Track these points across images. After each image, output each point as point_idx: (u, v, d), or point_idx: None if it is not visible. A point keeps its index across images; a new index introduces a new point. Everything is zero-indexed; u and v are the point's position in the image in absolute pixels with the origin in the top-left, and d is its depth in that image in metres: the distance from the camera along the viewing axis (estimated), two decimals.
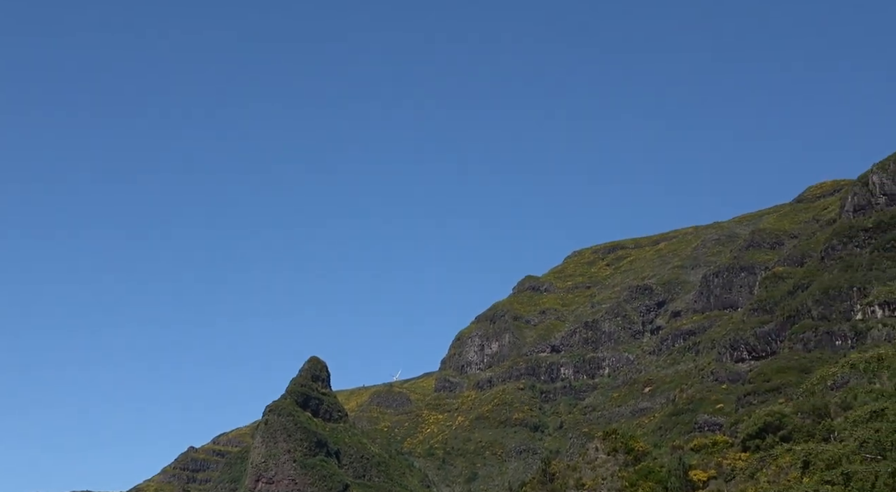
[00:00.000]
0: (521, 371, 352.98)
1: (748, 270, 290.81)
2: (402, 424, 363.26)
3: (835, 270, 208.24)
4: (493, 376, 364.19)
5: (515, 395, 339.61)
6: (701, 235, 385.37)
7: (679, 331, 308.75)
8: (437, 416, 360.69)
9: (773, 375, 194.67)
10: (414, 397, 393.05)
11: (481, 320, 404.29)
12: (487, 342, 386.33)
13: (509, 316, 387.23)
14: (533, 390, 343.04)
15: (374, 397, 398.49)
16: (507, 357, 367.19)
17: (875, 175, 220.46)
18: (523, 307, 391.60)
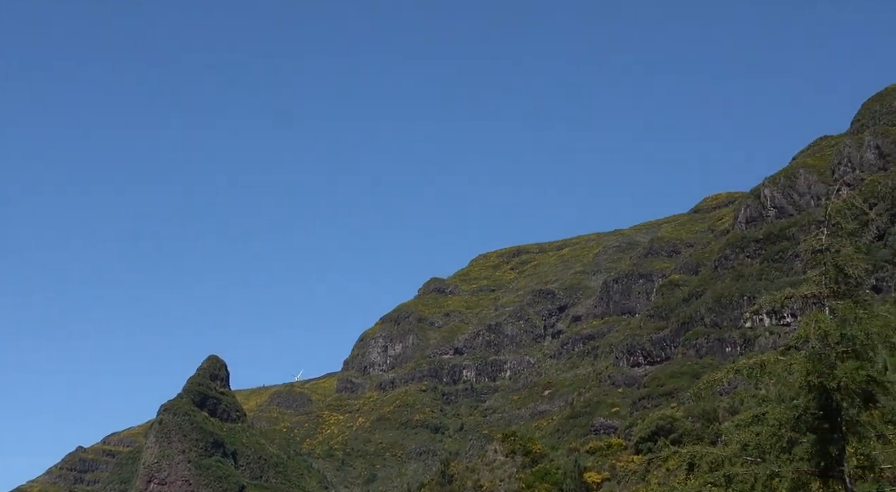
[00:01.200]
0: (424, 373, 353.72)
1: (646, 277, 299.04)
2: (302, 424, 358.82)
3: (727, 280, 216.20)
4: (395, 378, 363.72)
5: (417, 396, 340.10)
6: (603, 241, 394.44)
7: (579, 335, 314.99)
8: (337, 417, 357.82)
9: (667, 380, 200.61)
10: (315, 397, 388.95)
11: (386, 321, 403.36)
12: (391, 343, 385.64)
13: (414, 317, 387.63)
14: (435, 392, 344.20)
15: (275, 397, 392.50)
16: (411, 358, 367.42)
17: (766, 189, 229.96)
18: (428, 309, 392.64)
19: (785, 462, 15.33)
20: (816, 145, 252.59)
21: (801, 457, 15.08)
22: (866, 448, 14.37)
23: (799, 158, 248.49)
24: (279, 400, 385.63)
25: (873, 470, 14.59)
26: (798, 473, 14.90)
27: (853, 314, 16.52)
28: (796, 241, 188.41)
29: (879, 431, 15.01)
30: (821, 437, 15.47)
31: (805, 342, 17.20)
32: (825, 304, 17.83)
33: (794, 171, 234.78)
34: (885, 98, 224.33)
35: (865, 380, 15.38)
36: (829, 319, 16.37)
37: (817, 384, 15.66)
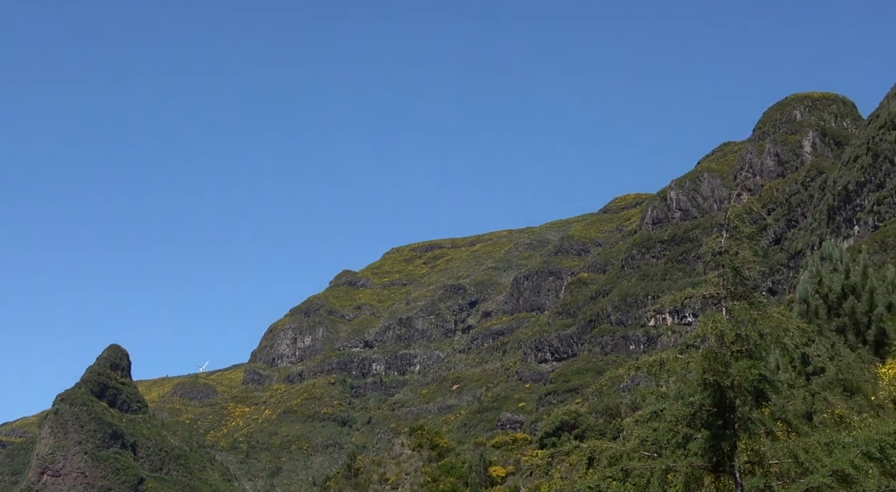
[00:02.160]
0: (333, 365, 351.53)
1: (556, 274, 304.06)
2: (206, 416, 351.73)
3: (633, 279, 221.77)
4: (304, 370, 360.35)
5: (325, 389, 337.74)
6: (514, 238, 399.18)
7: (489, 331, 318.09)
8: (243, 409, 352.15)
9: (573, 376, 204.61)
10: (220, 389, 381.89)
11: (296, 313, 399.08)
12: (301, 336, 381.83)
13: (324, 310, 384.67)
14: (344, 385, 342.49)
15: (178, 387, 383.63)
16: (320, 351, 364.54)
17: (673, 191, 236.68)
18: (339, 302, 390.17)
19: (680, 457, 15.76)
20: (720, 151, 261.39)
21: (695, 452, 15.54)
22: (756, 444, 14.92)
23: (704, 162, 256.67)
24: (183, 391, 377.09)
25: (762, 465, 15.17)
26: (692, 467, 15.35)
27: (748, 315, 17.09)
28: (699, 242, 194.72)
29: (769, 427, 15.59)
30: (714, 433, 15.97)
31: (702, 341, 17.70)
32: (722, 304, 18.38)
33: (699, 174, 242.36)
34: (785, 107, 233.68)
35: (757, 378, 15.92)
36: (726, 320, 16.91)
37: (712, 382, 16.14)
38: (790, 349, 17.62)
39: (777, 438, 15.65)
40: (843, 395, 20.21)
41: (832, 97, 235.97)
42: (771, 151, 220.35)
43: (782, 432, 15.94)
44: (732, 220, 18.63)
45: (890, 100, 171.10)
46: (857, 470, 13.50)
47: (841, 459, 13.64)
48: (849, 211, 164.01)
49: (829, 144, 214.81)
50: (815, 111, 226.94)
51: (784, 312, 20.09)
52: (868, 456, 13.74)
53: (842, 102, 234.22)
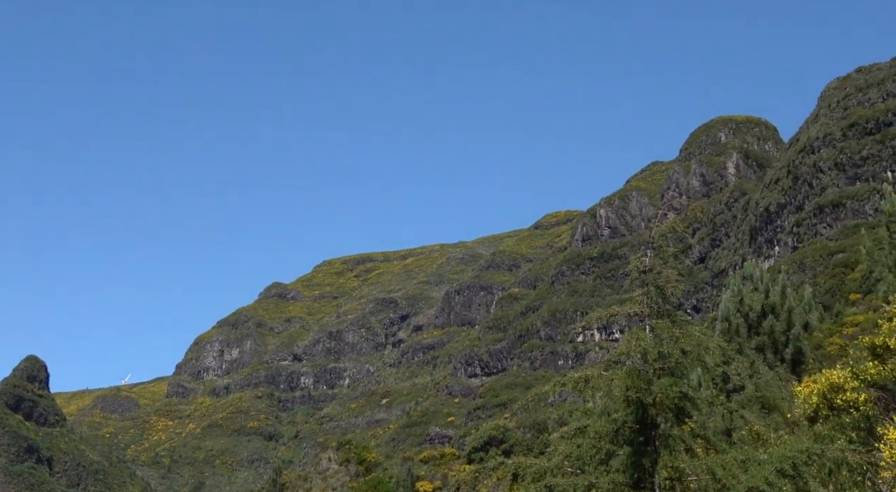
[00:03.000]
0: (261, 379, 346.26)
1: (487, 289, 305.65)
2: (127, 430, 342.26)
3: (562, 295, 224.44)
4: (230, 383, 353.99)
5: (252, 403, 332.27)
6: (447, 252, 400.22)
7: (419, 345, 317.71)
8: (166, 422, 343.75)
9: (502, 391, 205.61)
10: (143, 402, 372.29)
11: (223, 325, 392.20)
12: (228, 348, 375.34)
13: (253, 322, 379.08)
14: (271, 399, 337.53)
15: (99, 400, 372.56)
16: (248, 364, 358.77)
17: (602, 209, 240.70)
18: (268, 314, 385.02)
19: (602, 474, 15.91)
20: (649, 170, 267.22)
21: (617, 469, 15.70)
22: (676, 461, 15.15)
23: (633, 181, 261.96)
24: (104, 404, 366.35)
25: (682, 482, 15.40)
26: (613, 484, 15.50)
27: (670, 333, 17.38)
28: (627, 260, 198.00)
29: (689, 444, 15.85)
30: (636, 449, 16.16)
31: (627, 358, 17.91)
32: (646, 322, 18.64)
33: (628, 193, 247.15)
34: (710, 129, 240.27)
35: (679, 396, 16.19)
36: (649, 338, 17.16)
37: (635, 399, 16.34)
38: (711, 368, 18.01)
39: (696, 455, 15.94)
40: (761, 412, 20.72)
41: (755, 121, 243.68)
42: (697, 172, 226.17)
43: (702, 448, 16.24)
44: (657, 239, 18.98)
45: (809, 124, 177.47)
46: (771, 487, 13.82)
47: (756, 476, 13.94)
48: (770, 232, 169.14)
49: (751, 166, 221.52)
50: (738, 134, 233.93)
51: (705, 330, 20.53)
52: (782, 473, 14.08)
53: (764, 126, 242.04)
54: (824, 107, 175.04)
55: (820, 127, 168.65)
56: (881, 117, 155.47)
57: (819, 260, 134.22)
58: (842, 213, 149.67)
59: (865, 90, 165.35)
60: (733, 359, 19.70)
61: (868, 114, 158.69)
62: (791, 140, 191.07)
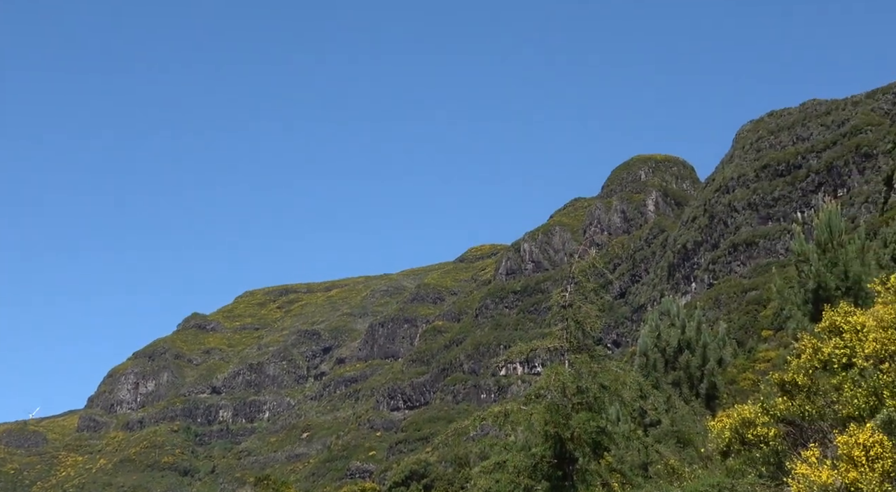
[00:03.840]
0: (177, 412, 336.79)
1: (411, 322, 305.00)
2: (33, 466, 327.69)
3: (486, 328, 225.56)
4: (145, 417, 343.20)
5: (167, 437, 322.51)
6: (371, 285, 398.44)
7: (342, 378, 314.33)
8: (76, 458, 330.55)
9: (424, 424, 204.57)
10: (52, 436, 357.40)
11: (139, 357, 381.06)
12: (143, 380, 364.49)
13: (170, 354, 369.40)
14: (187, 433, 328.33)
15: (4, 435, 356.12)
16: (164, 397, 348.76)
17: (526, 243, 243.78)
18: (187, 345, 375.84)
19: None
20: (571, 205, 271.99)
21: None
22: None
23: (556, 216, 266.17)
24: (8, 439, 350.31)
25: None
26: None
27: (589, 368, 17.57)
28: (550, 294, 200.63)
29: (605, 479, 15.99)
30: (554, 485, 16.22)
31: (546, 393, 18.01)
32: (566, 357, 18.81)
33: (551, 228, 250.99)
34: (631, 167, 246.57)
35: (596, 431, 16.34)
36: (568, 372, 17.31)
37: (553, 434, 16.44)
38: (628, 402, 18.26)
39: (613, 489, 16.10)
40: (677, 447, 21.09)
41: (673, 160, 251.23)
42: (617, 209, 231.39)
43: (618, 483, 16.41)
44: (577, 275, 19.26)
45: (724, 165, 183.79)
46: None
47: None
48: (687, 268, 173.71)
49: (670, 204, 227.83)
50: (658, 172, 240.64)
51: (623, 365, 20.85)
52: None
53: (682, 165, 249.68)
54: (739, 148, 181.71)
55: (734, 168, 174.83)
56: (791, 160, 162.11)
57: (733, 297, 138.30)
58: (755, 251, 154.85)
59: (777, 133, 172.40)
60: (650, 394, 20.02)
61: (779, 156, 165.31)
62: (707, 180, 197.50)
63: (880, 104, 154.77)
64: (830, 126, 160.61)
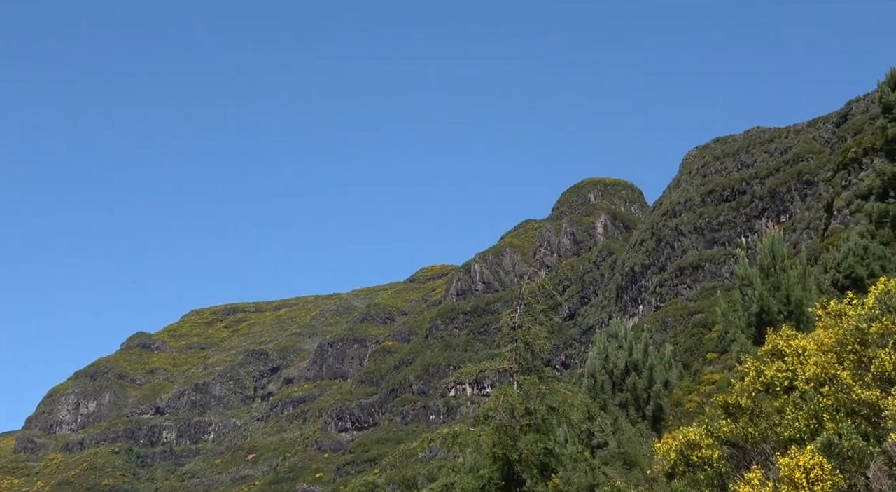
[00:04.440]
0: (119, 433, 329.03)
1: (361, 342, 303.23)
2: None
3: (436, 349, 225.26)
4: (85, 438, 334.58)
5: (108, 458, 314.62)
6: (321, 304, 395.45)
7: (290, 398, 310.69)
8: (11, 480, 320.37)
9: (372, 445, 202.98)
10: None
11: (80, 376, 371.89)
12: (84, 401, 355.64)
13: (113, 374, 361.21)
14: (129, 454, 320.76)
15: None
16: (106, 418, 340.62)
17: (477, 264, 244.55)
18: (130, 365, 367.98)
19: None
20: (522, 227, 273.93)
21: None
22: None
23: (507, 237, 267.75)
24: None
25: None
26: None
27: (537, 389, 17.61)
28: (500, 315, 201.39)
29: None
30: None
31: (495, 414, 18.00)
32: (515, 378, 18.83)
33: (502, 249, 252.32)
34: (581, 190, 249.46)
35: (544, 452, 16.37)
36: (516, 394, 17.33)
37: (501, 455, 16.44)
38: (576, 424, 18.35)
39: None
40: (623, 468, 21.22)
41: (622, 183, 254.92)
42: (567, 231, 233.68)
43: None
44: (527, 296, 19.35)
45: (672, 189, 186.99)
46: None
47: None
48: (635, 291, 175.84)
49: (618, 227, 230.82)
50: (607, 195, 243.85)
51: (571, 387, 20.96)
52: None
53: (630, 189, 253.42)
54: (685, 173, 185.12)
55: (681, 192, 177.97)
56: (736, 186, 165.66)
57: (679, 319, 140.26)
58: (701, 275, 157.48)
59: (722, 159, 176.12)
60: (598, 415, 20.13)
61: (725, 182, 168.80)
62: (655, 204, 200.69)
63: (821, 133, 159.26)
64: (773, 153, 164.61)
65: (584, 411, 17.66)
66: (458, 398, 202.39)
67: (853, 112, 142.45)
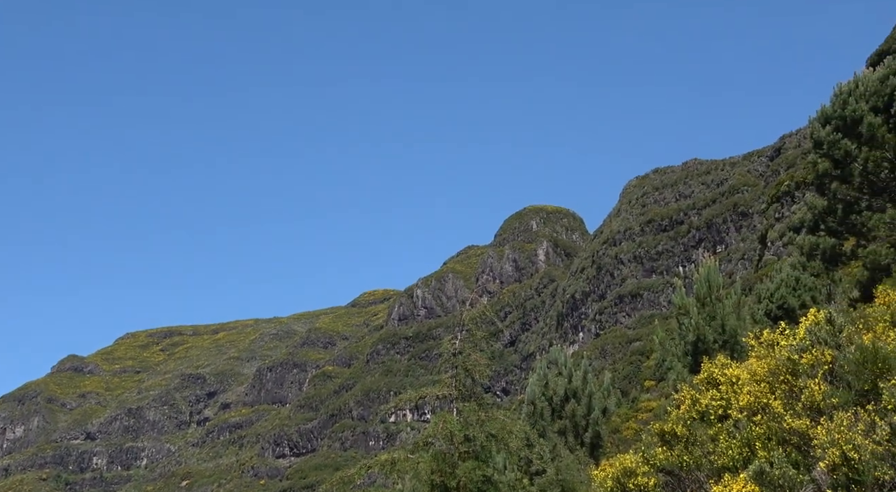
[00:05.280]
0: (47, 459, 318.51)
1: (300, 366, 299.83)
2: None
3: (377, 374, 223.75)
4: (11, 464, 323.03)
5: (35, 485, 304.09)
6: (260, 328, 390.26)
7: (226, 423, 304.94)
8: None
9: (310, 472, 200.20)
10: None
11: (7, 400, 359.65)
12: (11, 425, 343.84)
13: (42, 397, 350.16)
14: (57, 481, 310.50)
15: None
16: (34, 443, 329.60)
17: (419, 289, 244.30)
18: (61, 389, 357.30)
19: None
20: (465, 253, 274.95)
21: None
22: None
23: (449, 263, 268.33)
24: None
25: None
26: None
27: (476, 416, 17.59)
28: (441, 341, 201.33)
29: None
30: None
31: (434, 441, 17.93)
32: (454, 405, 18.80)
33: (444, 275, 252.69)
34: (523, 217, 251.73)
35: (482, 480, 16.34)
36: (455, 421, 17.30)
37: (440, 483, 16.35)
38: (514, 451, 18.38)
39: None
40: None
41: (563, 211, 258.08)
42: (510, 257, 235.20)
43: None
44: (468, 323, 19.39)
45: (612, 218, 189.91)
46: None
47: None
48: (575, 318, 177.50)
49: (560, 255, 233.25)
50: (549, 223, 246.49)
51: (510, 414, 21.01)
52: None
53: (572, 217, 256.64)
54: (625, 203, 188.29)
55: (621, 221, 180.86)
56: (674, 216, 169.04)
57: (618, 347, 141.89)
58: (639, 303, 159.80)
59: (661, 190, 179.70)
60: (536, 442, 20.19)
61: (663, 212, 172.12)
62: (595, 232, 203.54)
63: (755, 166, 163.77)
64: (710, 185, 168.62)
65: (523, 438, 17.70)
66: (398, 424, 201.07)
67: (786, 146, 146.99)
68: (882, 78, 29.68)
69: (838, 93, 30.86)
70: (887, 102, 29.25)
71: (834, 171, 30.99)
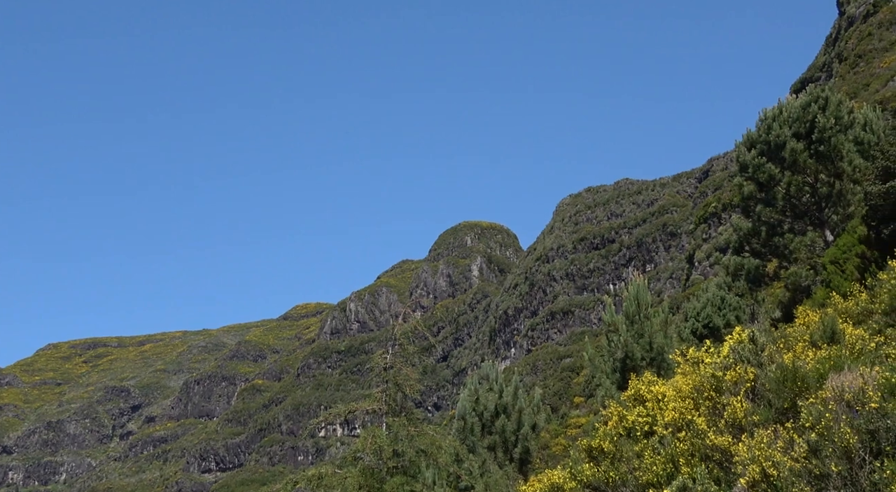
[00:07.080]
0: None
1: (229, 379, 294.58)
2: None
3: (308, 388, 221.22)
4: None
5: None
6: (189, 340, 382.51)
7: (151, 437, 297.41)
8: None
9: (237, 487, 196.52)
10: None
11: None
12: None
13: None
14: None
15: None
16: None
17: (352, 303, 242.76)
18: None
19: None
20: (399, 267, 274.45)
21: None
22: None
23: (383, 277, 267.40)
24: None
25: None
26: None
27: (406, 431, 17.53)
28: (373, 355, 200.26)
29: None
30: None
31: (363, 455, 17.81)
32: (384, 419, 18.72)
33: (378, 288, 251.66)
34: (458, 232, 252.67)
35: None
36: (385, 435, 17.22)
37: None
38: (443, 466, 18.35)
39: None
40: None
41: (498, 228, 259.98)
42: (444, 272, 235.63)
43: None
44: (400, 337, 19.35)
45: (545, 236, 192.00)
46: None
47: None
48: (508, 334, 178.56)
49: (494, 270, 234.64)
50: (483, 239, 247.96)
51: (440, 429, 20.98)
52: None
53: (506, 233, 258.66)
54: (559, 220, 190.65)
55: (554, 239, 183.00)
56: (606, 234, 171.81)
57: (549, 363, 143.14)
58: (571, 320, 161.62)
59: (594, 208, 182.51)
60: (466, 458, 20.20)
61: (595, 230, 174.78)
62: (529, 249, 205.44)
63: (684, 187, 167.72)
64: (641, 204, 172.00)
65: (452, 454, 17.68)
66: (327, 439, 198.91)
67: (714, 169, 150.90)
68: (804, 105, 30.73)
69: (763, 118, 31.86)
70: (809, 129, 30.30)
71: (759, 194, 31.92)
